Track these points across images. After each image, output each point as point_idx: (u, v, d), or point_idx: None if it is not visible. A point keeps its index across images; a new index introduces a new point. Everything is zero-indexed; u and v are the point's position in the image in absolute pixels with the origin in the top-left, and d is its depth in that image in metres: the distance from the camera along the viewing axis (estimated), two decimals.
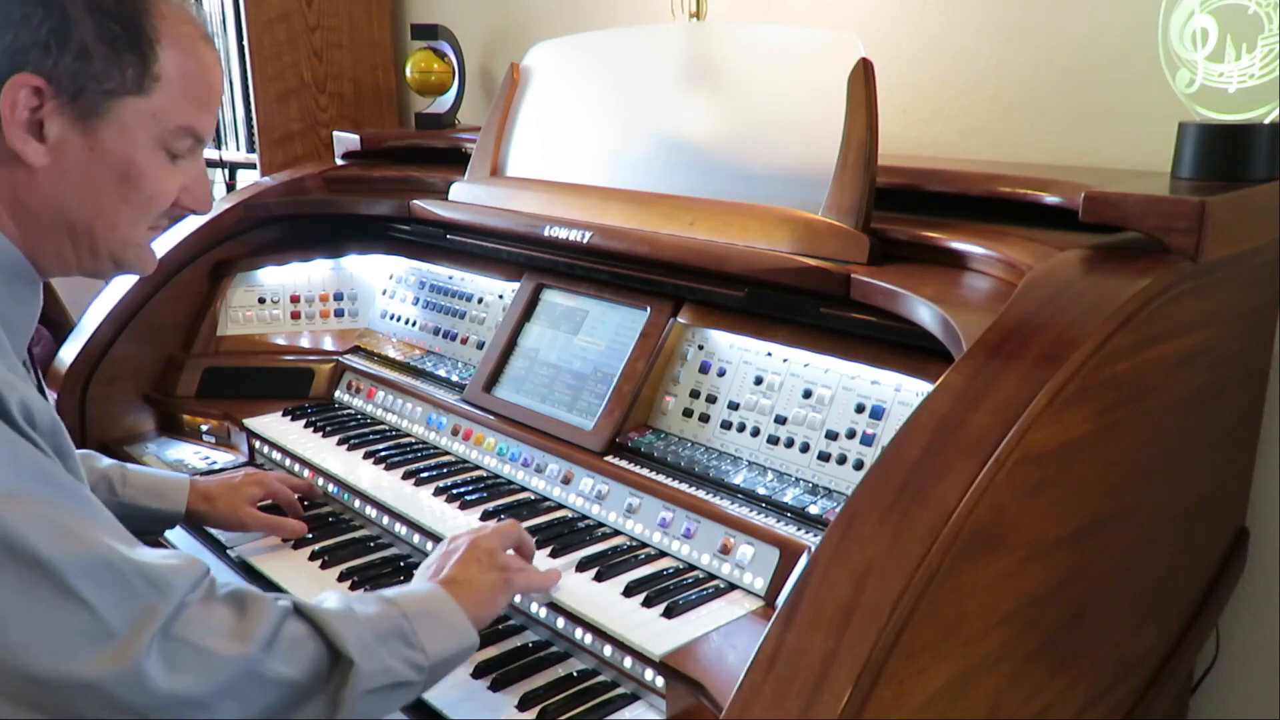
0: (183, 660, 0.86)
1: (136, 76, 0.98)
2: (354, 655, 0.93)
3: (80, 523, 0.86)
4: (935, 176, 1.34)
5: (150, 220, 1.06)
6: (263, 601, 0.93)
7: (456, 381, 1.71)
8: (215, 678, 0.87)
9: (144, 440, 1.87)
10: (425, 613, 1.03)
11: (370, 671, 0.94)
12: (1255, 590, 1.40)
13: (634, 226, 1.47)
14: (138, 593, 0.85)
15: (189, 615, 0.88)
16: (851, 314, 1.24)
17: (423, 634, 1.00)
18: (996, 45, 1.57)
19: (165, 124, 1.01)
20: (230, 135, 2.61)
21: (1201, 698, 1.47)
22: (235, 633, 0.89)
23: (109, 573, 0.84)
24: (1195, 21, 1.12)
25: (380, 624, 0.98)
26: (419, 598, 1.05)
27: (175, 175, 1.05)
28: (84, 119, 0.97)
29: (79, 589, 0.82)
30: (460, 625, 1.05)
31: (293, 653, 0.92)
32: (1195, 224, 0.98)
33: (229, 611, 0.91)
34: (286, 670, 0.91)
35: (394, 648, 0.98)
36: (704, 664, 1.06)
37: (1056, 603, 0.96)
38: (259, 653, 0.89)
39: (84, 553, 0.84)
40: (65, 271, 1.06)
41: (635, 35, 1.71)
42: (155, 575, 0.87)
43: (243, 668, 0.88)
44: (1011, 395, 0.86)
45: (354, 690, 0.93)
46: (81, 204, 1.00)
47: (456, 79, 2.30)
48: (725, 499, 1.27)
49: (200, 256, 1.95)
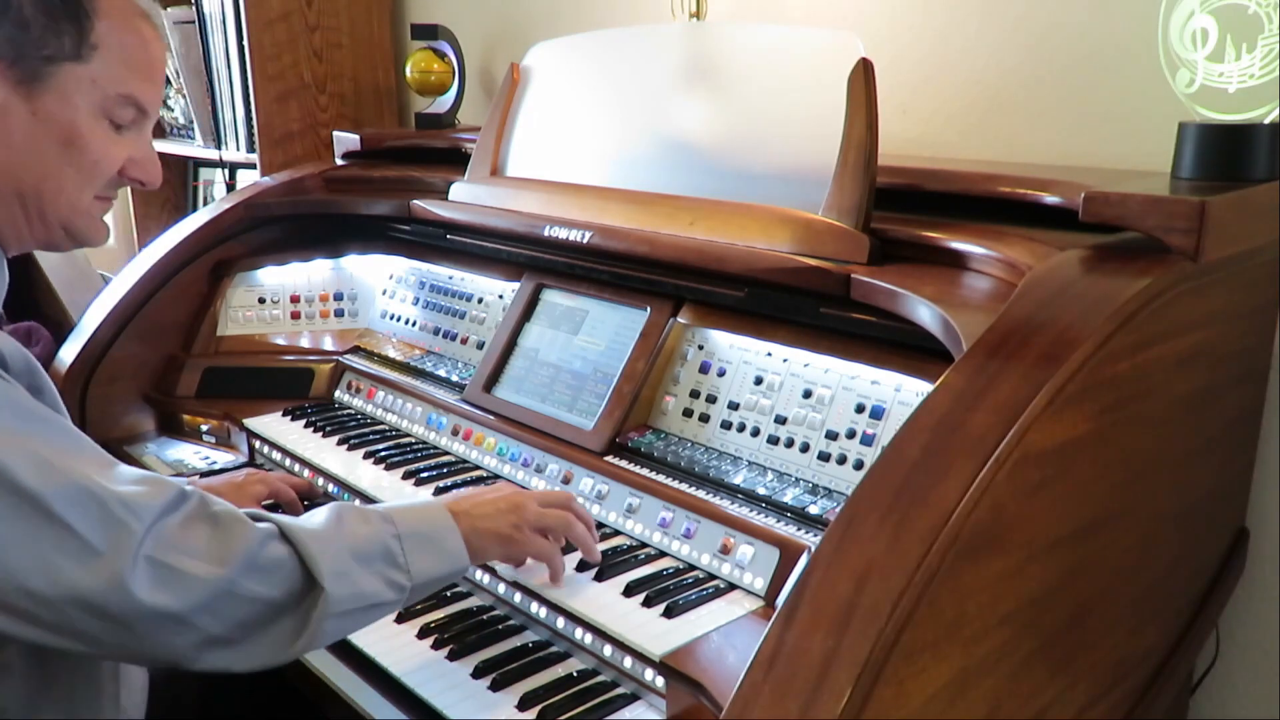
0: (164, 579, 0.91)
1: (74, 44, 1.03)
2: (325, 582, 0.97)
3: (59, 454, 0.91)
4: (935, 176, 1.34)
5: (97, 188, 1.10)
6: (244, 524, 0.98)
7: (456, 381, 1.71)
8: (194, 595, 0.92)
9: (144, 440, 1.87)
10: (419, 533, 1.07)
11: (341, 596, 0.98)
12: (1255, 590, 1.40)
13: (634, 226, 1.47)
14: (116, 517, 0.90)
15: (166, 536, 0.92)
16: (851, 314, 1.24)
17: (411, 554, 1.05)
18: (996, 45, 1.57)
19: (105, 91, 1.06)
20: (230, 135, 2.61)
21: (1201, 698, 1.47)
22: (214, 554, 0.94)
23: (89, 499, 0.90)
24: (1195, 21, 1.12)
25: (367, 543, 1.02)
26: (418, 516, 1.09)
27: (120, 145, 1.10)
28: (26, 84, 1.02)
29: (62, 514, 0.88)
30: (453, 549, 1.09)
31: (271, 574, 0.96)
32: (1195, 224, 0.98)
33: (209, 532, 0.95)
34: (263, 590, 0.96)
35: (377, 568, 1.02)
36: (704, 664, 1.07)
37: (1056, 603, 0.96)
38: (236, 574, 0.94)
39: (65, 482, 0.89)
40: (20, 243, 1.10)
41: (635, 35, 1.71)
42: (130, 499, 0.92)
43: (220, 588, 0.93)
44: (1011, 395, 0.86)
45: (324, 612, 0.97)
46: (28, 169, 1.05)
47: (456, 79, 2.30)
48: (725, 499, 1.27)
49: (200, 256, 1.95)
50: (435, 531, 1.08)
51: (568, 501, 1.25)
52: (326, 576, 0.97)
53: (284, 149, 2.52)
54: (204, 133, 2.74)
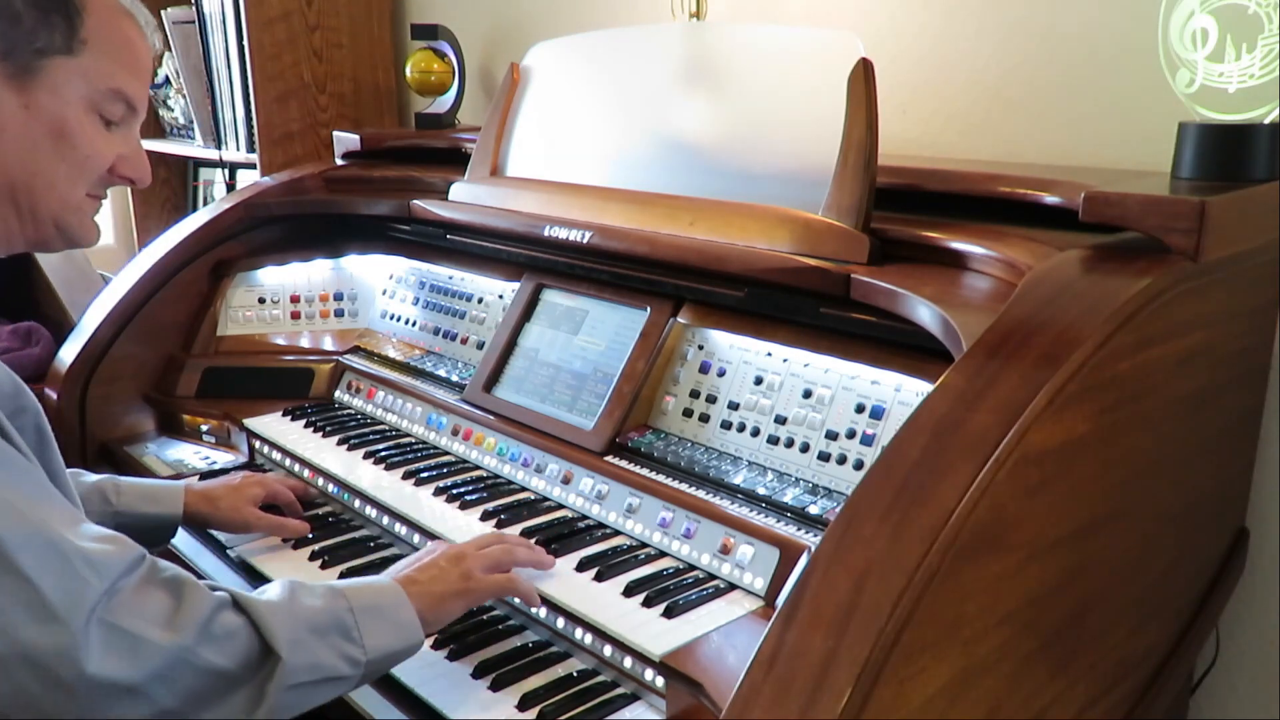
0: (117, 644, 0.88)
1: (64, 38, 1.03)
2: (282, 651, 0.95)
3: (27, 501, 0.90)
4: (935, 176, 1.34)
5: (88, 184, 1.10)
6: (198, 590, 0.96)
7: (456, 381, 1.71)
8: (147, 664, 0.89)
9: (144, 440, 1.87)
10: (372, 607, 1.05)
11: (297, 666, 0.96)
12: (1255, 590, 1.40)
13: (634, 226, 1.47)
14: (77, 573, 0.88)
15: (123, 600, 0.90)
16: (851, 314, 1.24)
17: (365, 628, 1.03)
18: (996, 45, 1.57)
19: (96, 86, 1.06)
20: (230, 135, 2.61)
21: (1201, 698, 1.47)
22: (169, 621, 0.92)
23: (52, 552, 0.88)
24: (1195, 21, 1.12)
25: (320, 617, 1.00)
26: (370, 592, 1.07)
27: (110, 141, 1.10)
28: (16, 78, 1.02)
29: (24, 566, 0.86)
30: (407, 623, 1.07)
31: (225, 643, 0.94)
32: (1195, 224, 0.98)
33: (165, 598, 0.93)
34: (217, 660, 0.93)
35: (331, 641, 1.00)
36: (704, 664, 1.07)
37: (1056, 603, 0.96)
38: (191, 642, 0.92)
39: (30, 531, 0.87)
40: (11, 243, 1.10)
41: (635, 35, 1.71)
42: (93, 557, 0.90)
43: (174, 655, 0.91)
44: (1011, 395, 0.86)
45: (280, 683, 0.95)
46: (20, 163, 1.04)
47: (456, 79, 2.30)
48: (725, 499, 1.27)
49: (200, 256, 1.95)
50: (388, 605, 1.06)
51: (499, 536, 1.24)
52: (283, 645, 0.95)
53: (284, 149, 2.52)
54: (204, 133, 2.74)
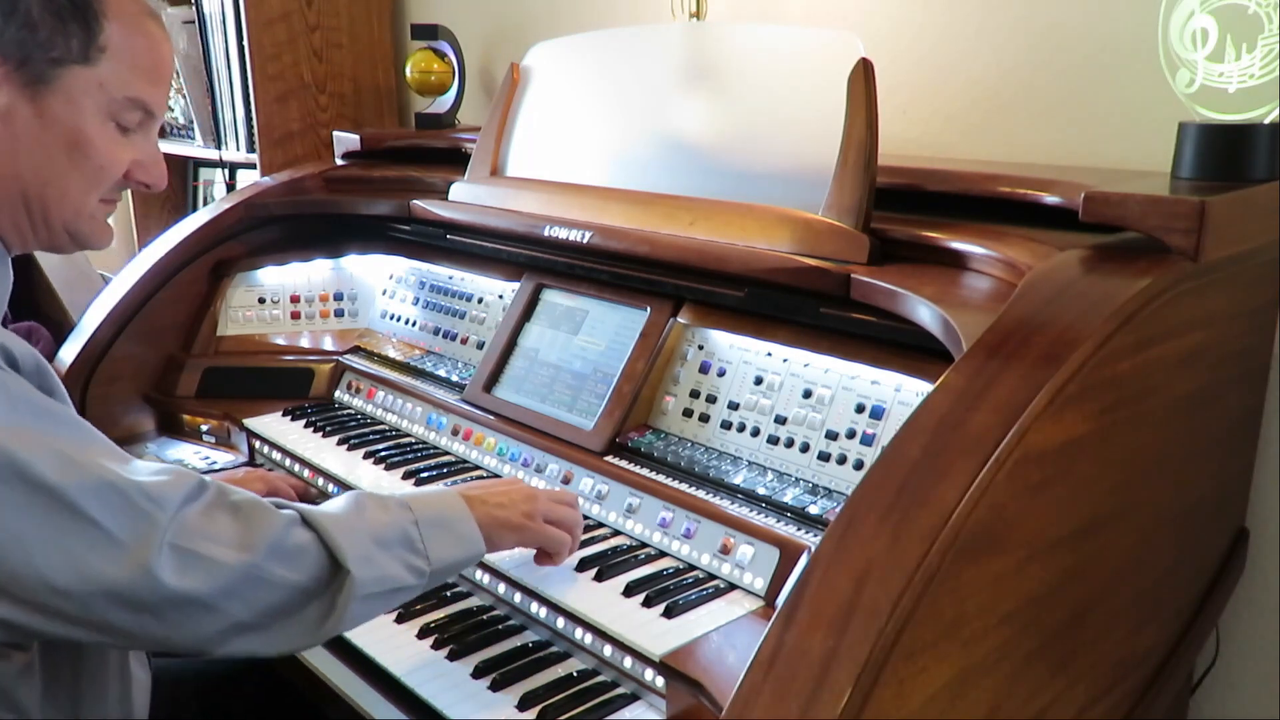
0: (190, 565, 0.92)
1: (82, 46, 1.03)
2: (351, 565, 0.98)
3: (79, 449, 0.92)
4: (935, 176, 1.34)
5: (102, 191, 1.10)
6: (267, 511, 0.99)
7: (456, 381, 1.71)
8: (220, 581, 0.93)
9: (144, 440, 1.87)
10: (437, 519, 1.08)
11: (366, 579, 0.99)
12: (1255, 590, 1.40)
13: (634, 226, 1.47)
14: (139, 508, 0.91)
15: (189, 524, 0.93)
16: (851, 314, 1.24)
17: (430, 540, 1.06)
18: (996, 45, 1.57)
19: (113, 94, 1.06)
20: (230, 135, 2.61)
21: (1201, 698, 1.47)
22: (239, 541, 0.95)
23: (111, 492, 0.90)
24: (1195, 21, 1.12)
25: (386, 529, 1.04)
26: (435, 503, 1.11)
27: (126, 148, 1.09)
28: (32, 86, 1.01)
29: (87, 509, 0.89)
30: (469, 535, 1.10)
31: (296, 559, 0.97)
32: (1195, 224, 0.98)
33: (232, 519, 0.96)
34: (290, 575, 0.97)
35: (397, 553, 1.04)
36: (704, 664, 1.07)
37: (1056, 603, 0.96)
38: (262, 559, 0.95)
39: (87, 477, 0.90)
40: (24, 245, 1.10)
41: (635, 35, 1.71)
42: (152, 489, 0.92)
43: (246, 573, 0.94)
44: (1011, 395, 0.86)
45: (350, 595, 0.98)
46: (33, 171, 1.04)
47: (456, 79, 2.30)
48: (725, 499, 1.27)
49: (200, 256, 1.95)
50: (452, 518, 1.10)
51: (575, 501, 1.28)
52: (351, 560, 0.98)
53: (284, 149, 2.52)
54: (204, 133, 2.74)
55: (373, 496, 1.07)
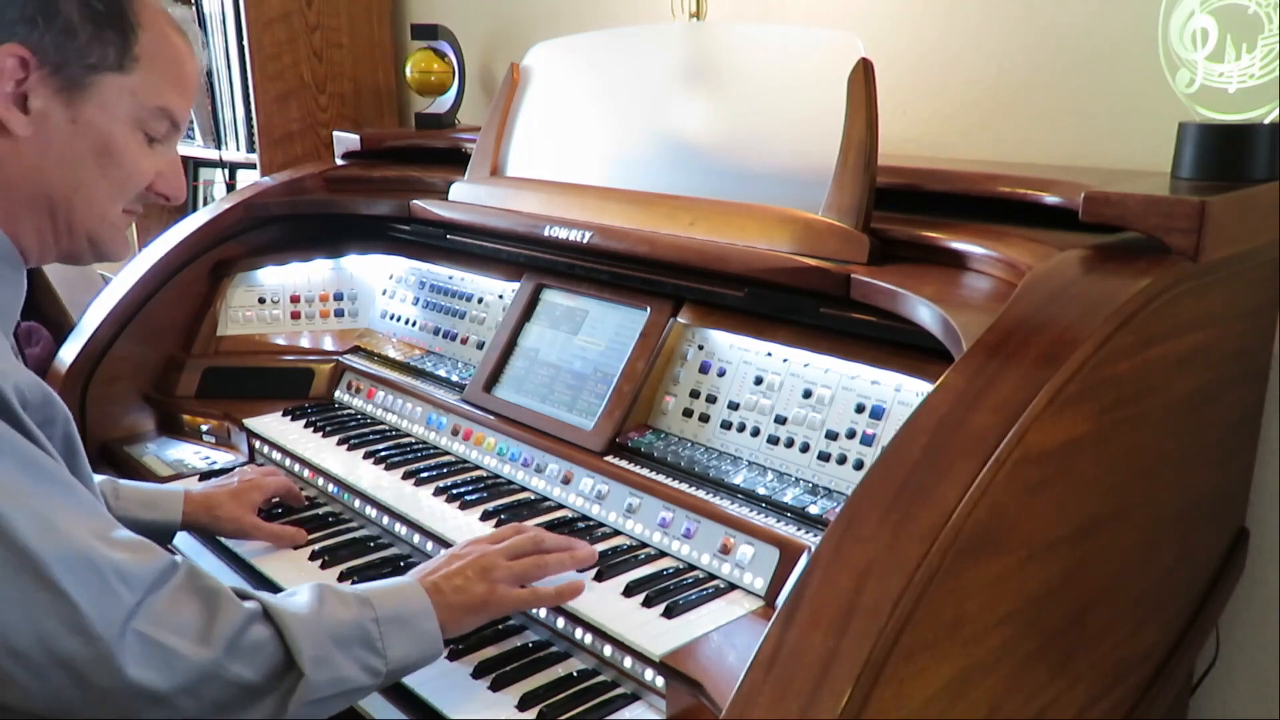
0: (152, 655, 0.90)
1: (118, 54, 1.03)
2: (305, 668, 0.96)
3: (63, 514, 0.90)
4: (935, 176, 1.34)
5: (126, 200, 1.11)
6: (231, 603, 0.97)
7: (456, 381, 1.71)
8: (179, 676, 0.91)
9: (144, 440, 1.87)
10: (397, 618, 1.06)
11: (319, 682, 0.97)
12: (1255, 590, 1.40)
13: (634, 226, 1.47)
14: (111, 587, 0.89)
15: (157, 610, 0.92)
16: (851, 314, 1.24)
17: (388, 639, 1.04)
18: (996, 45, 1.57)
19: (144, 103, 1.07)
20: (230, 135, 2.61)
21: (1201, 698, 1.47)
22: (201, 634, 0.93)
23: (87, 568, 0.89)
24: (1195, 21, 1.12)
25: (347, 628, 1.02)
26: (396, 598, 1.08)
27: (151, 158, 1.10)
28: (66, 91, 1.02)
29: (60, 581, 0.87)
30: (429, 633, 1.07)
31: (253, 656, 0.95)
32: (1195, 224, 0.98)
33: (198, 609, 0.95)
34: (244, 673, 0.94)
35: (355, 653, 1.01)
36: (704, 664, 1.07)
37: (1056, 603, 0.96)
38: (221, 655, 0.93)
39: (65, 546, 0.88)
40: (44, 254, 1.10)
41: (635, 35, 1.71)
42: (125, 569, 0.91)
43: (204, 669, 0.92)
44: (1011, 395, 0.86)
45: (301, 698, 0.96)
46: (62, 176, 1.05)
47: (456, 79, 2.30)
48: (725, 499, 1.27)
49: (200, 256, 1.95)
50: (412, 615, 1.07)
51: (535, 544, 1.21)
52: (307, 662, 0.96)
53: (284, 149, 2.52)
54: (204, 133, 2.74)
55: (333, 590, 1.05)
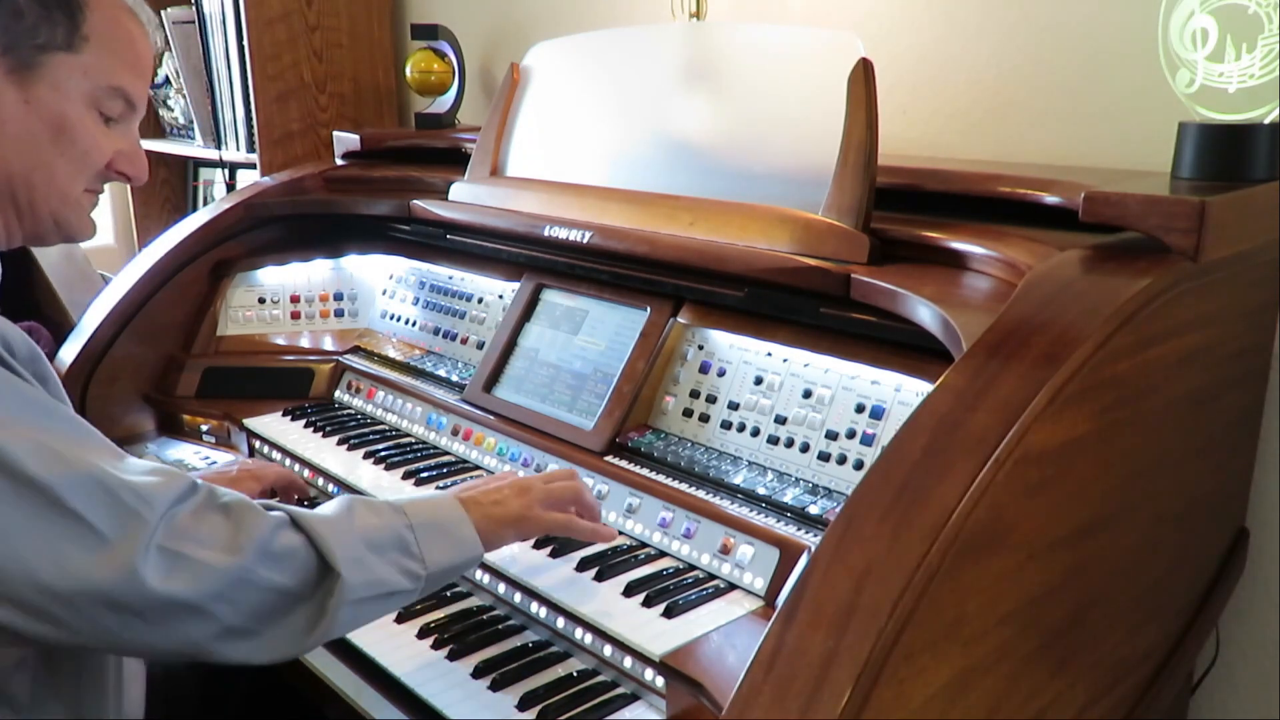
0: (176, 568, 0.90)
1: (66, 34, 1.05)
2: (340, 568, 0.97)
3: (67, 444, 0.91)
4: (935, 176, 1.34)
5: (86, 180, 1.12)
6: (255, 512, 0.97)
7: (456, 381, 1.71)
8: (207, 584, 0.91)
9: (144, 440, 1.87)
10: (431, 523, 1.07)
11: (356, 583, 0.97)
12: (1255, 590, 1.40)
13: (634, 226, 1.47)
14: (127, 505, 0.90)
15: (178, 526, 0.92)
16: (851, 314, 1.24)
17: (425, 544, 1.04)
18: (996, 45, 1.57)
19: (96, 82, 1.08)
20: (230, 135, 2.61)
21: (1201, 698, 1.47)
22: (226, 543, 0.93)
23: (98, 488, 0.89)
24: (1195, 21, 1.12)
25: (380, 533, 1.02)
26: (430, 507, 1.09)
27: (109, 137, 1.11)
28: (17, 72, 1.03)
29: (72, 504, 0.87)
30: (466, 537, 1.09)
31: (285, 562, 0.96)
32: (1195, 224, 0.98)
33: (222, 522, 0.95)
34: (278, 578, 0.95)
35: (391, 557, 1.02)
36: (704, 664, 1.07)
37: (1056, 603, 0.96)
38: (250, 562, 0.93)
39: (73, 471, 0.89)
40: (10, 237, 1.11)
41: (635, 35, 1.71)
42: (141, 489, 0.91)
43: (234, 576, 0.92)
44: (1011, 395, 0.86)
45: (341, 599, 0.96)
46: (19, 156, 1.05)
47: (456, 79, 2.30)
48: (725, 499, 1.27)
49: (200, 256, 1.95)
50: (448, 521, 1.08)
51: (572, 474, 1.26)
52: (342, 563, 0.97)
53: (284, 149, 2.52)
54: (204, 133, 2.74)
55: (363, 501, 1.06)
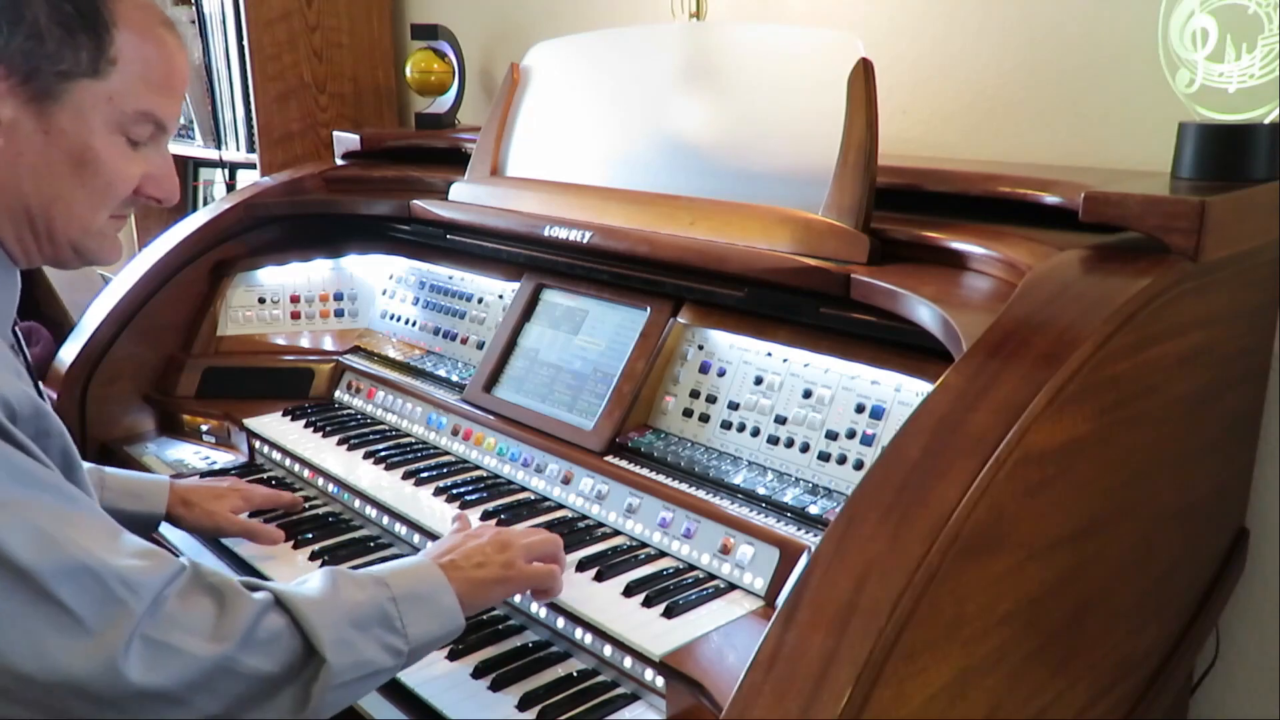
0: (159, 659, 0.87)
1: (91, 59, 0.98)
2: (327, 653, 0.93)
3: (60, 524, 0.87)
4: (935, 176, 1.34)
5: (110, 208, 1.06)
6: (240, 596, 0.93)
7: (456, 381, 1.71)
8: (190, 675, 0.88)
9: (144, 440, 1.87)
10: (414, 595, 1.03)
11: (342, 666, 0.94)
12: (1255, 590, 1.40)
13: (634, 226, 1.47)
14: (114, 595, 0.86)
15: (165, 614, 0.89)
16: (851, 314, 1.24)
17: (408, 617, 1.01)
18: (996, 45, 1.57)
19: (123, 108, 1.01)
20: (230, 135, 2.61)
21: (1201, 698, 1.47)
22: (212, 631, 0.90)
23: (86, 577, 0.86)
24: (1195, 21, 1.12)
25: (364, 609, 0.98)
26: (412, 577, 1.05)
27: (136, 162, 1.05)
28: (38, 101, 0.97)
29: (56, 592, 0.84)
30: (448, 609, 1.05)
31: (269, 648, 0.92)
32: (1195, 224, 0.98)
33: (208, 606, 0.92)
34: (261, 665, 0.91)
35: (374, 634, 0.98)
36: (704, 664, 1.07)
37: (1056, 603, 0.96)
38: (235, 650, 0.90)
39: (62, 558, 0.85)
40: (30, 259, 1.07)
41: (635, 35, 1.71)
42: (130, 577, 0.88)
43: (217, 665, 0.89)
44: (1011, 395, 0.86)
45: (326, 684, 0.93)
46: (37, 189, 1.00)
47: (456, 79, 2.30)
48: (725, 499, 1.27)
49: (200, 256, 1.95)
50: (430, 592, 1.04)
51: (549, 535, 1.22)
52: (327, 646, 0.93)
53: (284, 149, 2.52)
54: (204, 133, 2.74)
55: (346, 574, 1.02)
